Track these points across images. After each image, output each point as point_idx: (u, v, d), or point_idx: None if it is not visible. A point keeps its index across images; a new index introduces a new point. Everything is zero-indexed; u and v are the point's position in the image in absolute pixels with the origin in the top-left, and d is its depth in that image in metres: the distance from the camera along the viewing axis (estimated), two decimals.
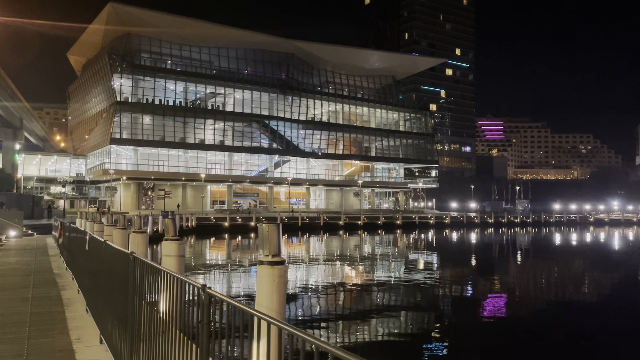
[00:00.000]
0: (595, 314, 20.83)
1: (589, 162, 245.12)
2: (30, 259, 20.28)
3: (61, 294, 12.08)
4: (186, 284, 4.06)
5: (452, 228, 79.94)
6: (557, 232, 76.97)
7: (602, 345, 16.26)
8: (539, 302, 23.74)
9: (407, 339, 16.32)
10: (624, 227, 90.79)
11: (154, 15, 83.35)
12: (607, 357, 15.32)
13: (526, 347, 15.86)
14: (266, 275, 5.19)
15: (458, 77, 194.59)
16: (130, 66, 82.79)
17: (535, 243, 61.62)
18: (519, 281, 31.09)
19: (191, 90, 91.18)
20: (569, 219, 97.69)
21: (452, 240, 63.24)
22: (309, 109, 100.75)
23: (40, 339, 7.87)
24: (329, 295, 23.53)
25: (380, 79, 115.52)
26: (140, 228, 12.43)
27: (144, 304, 5.13)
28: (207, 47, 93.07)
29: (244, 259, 37.85)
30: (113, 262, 6.84)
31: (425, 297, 24.13)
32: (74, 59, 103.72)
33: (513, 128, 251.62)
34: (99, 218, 20.21)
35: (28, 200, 59.99)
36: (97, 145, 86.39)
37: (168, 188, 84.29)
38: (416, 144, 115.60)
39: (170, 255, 8.32)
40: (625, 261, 42.40)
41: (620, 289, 28.31)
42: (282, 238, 5.40)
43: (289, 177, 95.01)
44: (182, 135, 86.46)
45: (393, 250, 48.97)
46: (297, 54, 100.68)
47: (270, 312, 4.94)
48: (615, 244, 60.53)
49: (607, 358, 15.22)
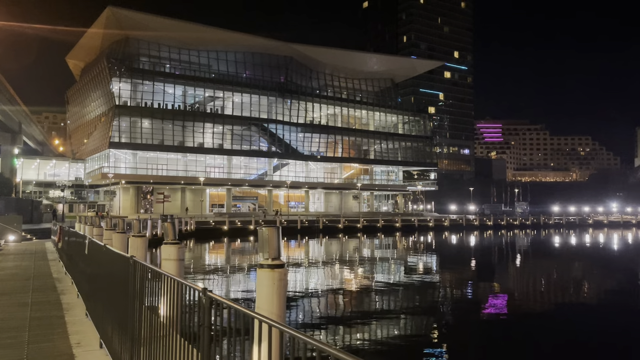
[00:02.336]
0: (595, 317, 20.83)
1: (588, 164, 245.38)
2: (29, 264, 20.25)
3: (60, 298, 12.06)
4: (187, 288, 4.06)
5: (451, 231, 79.93)
6: (556, 235, 76.98)
7: (602, 348, 16.25)
8: (539, 305, 23.73)
9: (407, 342, 16.31)
10: (623, 229, 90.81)
11: (152, 19, 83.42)
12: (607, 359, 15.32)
13: (526, 350, 15.85)
14: (266, 279, 5.19)
15: (456, 80, 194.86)
16: (129, 70, 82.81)
17: (535, 245, 61.62)
18: (518, 284, 31.08)
19: (190, 93, 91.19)
20: (568, 221, 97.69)
21: (451, 242, 63.22)
22: (308, 112, 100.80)
23: (40, 344, 7.86)
24: (329, 298, 23.51)
25: (379, 82, 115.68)
26: (140, 232, 12.44)
27: (144, 308, 5.13)
28: (206, 51, 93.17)
29: (244, 262, 37.81)
30: (113, 266, 6.84)
31: (424, 300, 24.12)
32: (73, 63, 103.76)
33: (512, 130, 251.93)
34: (98, 222, 20.21)
35: (27, 205, 59.95)
36: (96, 149, 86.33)
37: (167, 192, 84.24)
38: (415, 147, 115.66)
39: (169, 259, 8.33)
40: (625, 263, 42.40)
41: (621, 291, 28.29)
42: (282, 241, 5.40)
43: (288, 180, 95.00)
44: (181, 139, 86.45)
45: (392, 253, 48.94)
46: (295, 57, 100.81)
47: (271, 315, 4.94)
48: (614, 246, 60.55)
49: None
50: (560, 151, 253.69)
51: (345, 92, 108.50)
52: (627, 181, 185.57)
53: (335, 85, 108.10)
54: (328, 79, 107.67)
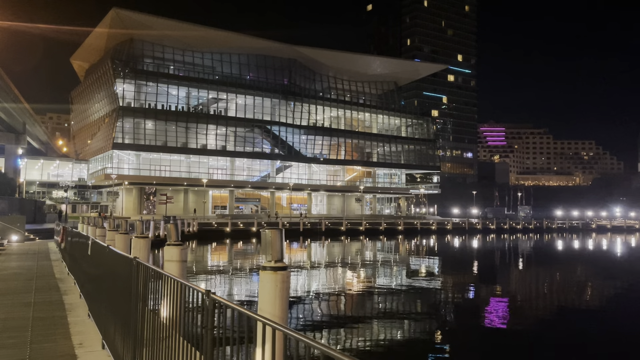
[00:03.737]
0: (596, 321, 20.74)
1: (591, 169, 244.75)
2: (32, 264, 20.29)
3: (63, 298, 12.07)
4: (190, 290, 4.05)
5: (454, 234, 79.79)
6: (559, 239, 76.77)
7: (603, 352, 16.19)
8: (541, 310, 23.66)
9: (409, 346, 16.27)
10: (627, 234, 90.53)
11: (156, 21, 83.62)
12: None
13: (527, 354, 15.80)
14: (269, 281, 5.18)
15: (460, 83, 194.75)
16: (133, 71, 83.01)
17: (537, 250, 61.45)
18: (520, 288, 31.00)
19: (193, 95, 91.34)
20: (571, 226, 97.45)
21: (454, 246, 63.10)
22: (311, 115, 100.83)
23: (43, 344, 7.86)
24: (331, 301, 23.48)
25: (382, 85, 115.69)
26: (143, 233, 12.44)
27: (147, 309, 5.12)
28: (210, 53, 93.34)
29: (246, 264, 37.81)
30: (116, 267, 6.84)
31: (426, 304, 24.07)
32: (77, 64, 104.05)
33: (515, 134, 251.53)
34: (101, 223, 20.23)
35: (30, 205, 60.12)
36: (100, 150, 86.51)
37: (170, 193, 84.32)
38: (418, 150, 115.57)
39: (172, 261, 8.32)
40: (629, 269, 42.23)
41: (623, 295, 28.18)
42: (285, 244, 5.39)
43: (291, 182, 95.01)
44: (184, 141, 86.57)
45: (395, 256, 48.87)
46: (299, 59, 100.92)
47: (273, 317, 4.92)
48: (618, 251, 60.33)
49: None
50: (563, 155, 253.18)
51: (348, 95, 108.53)
52: (631, 186, 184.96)
53: (339, 88, 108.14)
54: (331, 81, 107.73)
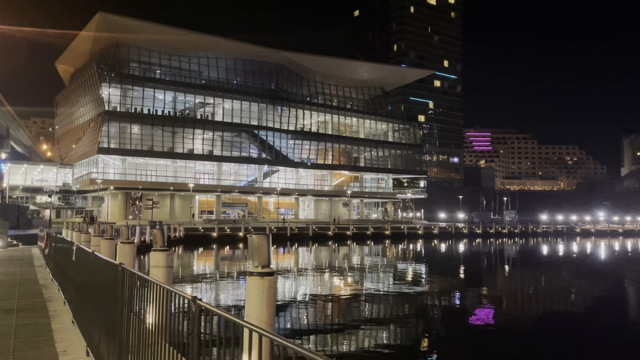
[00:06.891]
0: (581, 325, 20.95)
1: (575, 173, 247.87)
2: (15, 270, 20.01)
3: (47, 305, 11.92)
4: (176, 296, 4.03)
5: (441, 238, 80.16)
6: (544, 243, 77.49)
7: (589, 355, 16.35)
8: (526, 313, 23.85)
9: (395, 351, 16.29)
10: (610, 238, 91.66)
11: (143, 25, 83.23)
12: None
13: (512, 356, 15.90)
14: (256, 287, 5.17)
15: (446, 89, 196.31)
16: (119, 75, 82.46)
17: (523, 254, 61.97)
18: (506, 292, 31.22)
19: (180, 100, 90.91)
20: (555, 230, 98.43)
21: (440, 250, 63.39)
22: (298, 119, 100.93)
23: (26, 352, 7.75)
24: (318, 306, 23.45)
25: (369, 90, 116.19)
26: (128, 238, 12.33)
27: (132, 316, 5.08)
28: (197, 57, 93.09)
29: (233, 270, 37.63)
30: (101, 273, 6.78)
31: (413, 308, 24.14)
32: (62, 68, 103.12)
33: (500, 139, 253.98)
34: (86, 228, 20.03)
35: (13, 210, 59.28)
36: (85, 155, 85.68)
37: (156, 198, 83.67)
38: (405, 155, 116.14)
39: (158, 266, 8.26)
40: (612, 272, 42.74)
41: (608, 299, 28.52)
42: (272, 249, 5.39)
43: (278, 187, 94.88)
44: (170, 145, 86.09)
45: (382, 260, 48.96)
46: (286, 64, 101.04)
47: (260, 323, 4.91)
48: (601, 255, 61.06)
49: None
50: (548, 160, 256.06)
51: (335, 100, 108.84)
52: (614, 190, 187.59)
53: (326, 93, 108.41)
54: (319, 86, 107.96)
